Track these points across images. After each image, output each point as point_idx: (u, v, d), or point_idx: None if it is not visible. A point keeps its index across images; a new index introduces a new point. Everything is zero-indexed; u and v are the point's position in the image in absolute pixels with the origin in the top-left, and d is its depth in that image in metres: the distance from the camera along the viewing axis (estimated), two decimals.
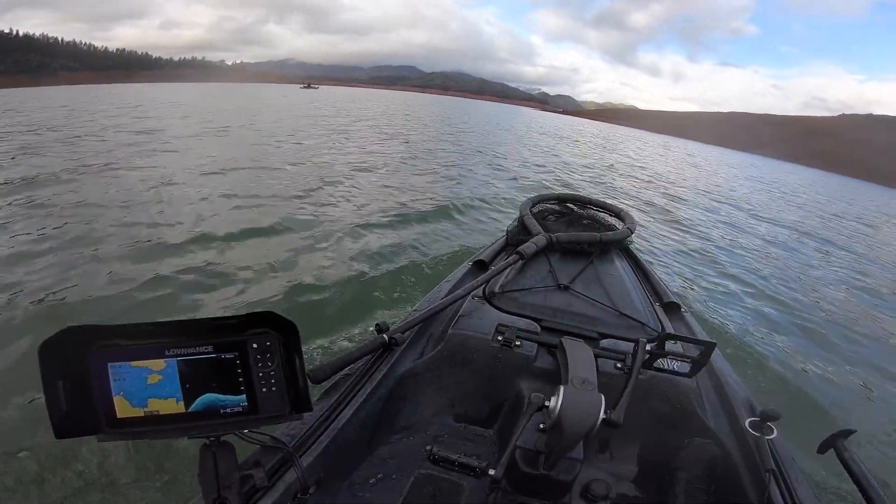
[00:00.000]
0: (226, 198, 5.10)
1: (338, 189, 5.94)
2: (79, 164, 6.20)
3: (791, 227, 8.79)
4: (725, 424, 1.20)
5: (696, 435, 1.17)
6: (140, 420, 0.61)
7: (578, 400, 0.86)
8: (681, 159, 23.94)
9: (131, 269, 3.14)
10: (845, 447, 0.99)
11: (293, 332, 0.67)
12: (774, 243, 6.87)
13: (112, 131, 10.05)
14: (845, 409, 2.51)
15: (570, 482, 0.98)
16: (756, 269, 5.24)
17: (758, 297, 4.27)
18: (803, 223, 9.77)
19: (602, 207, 2.42)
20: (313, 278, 3.24)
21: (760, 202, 12.03)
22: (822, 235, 8.56)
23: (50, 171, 5.67)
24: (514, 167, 10.05)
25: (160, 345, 0.61)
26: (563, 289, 1.57)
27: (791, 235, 7.90)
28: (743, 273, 4.95)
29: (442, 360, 1.30)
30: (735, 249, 5.94)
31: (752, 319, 3.68)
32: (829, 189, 27.63)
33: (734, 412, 1.20)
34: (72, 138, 8.65)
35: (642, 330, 1.43)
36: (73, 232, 3.74)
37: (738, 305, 3.94)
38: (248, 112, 18.29)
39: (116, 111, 15.50)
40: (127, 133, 9.81)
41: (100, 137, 9.00)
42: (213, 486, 0.64)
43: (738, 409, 1.20)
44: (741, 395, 1.28)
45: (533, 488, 1.00)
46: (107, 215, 4.19)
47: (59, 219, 4.00)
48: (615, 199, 7.50)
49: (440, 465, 1.03)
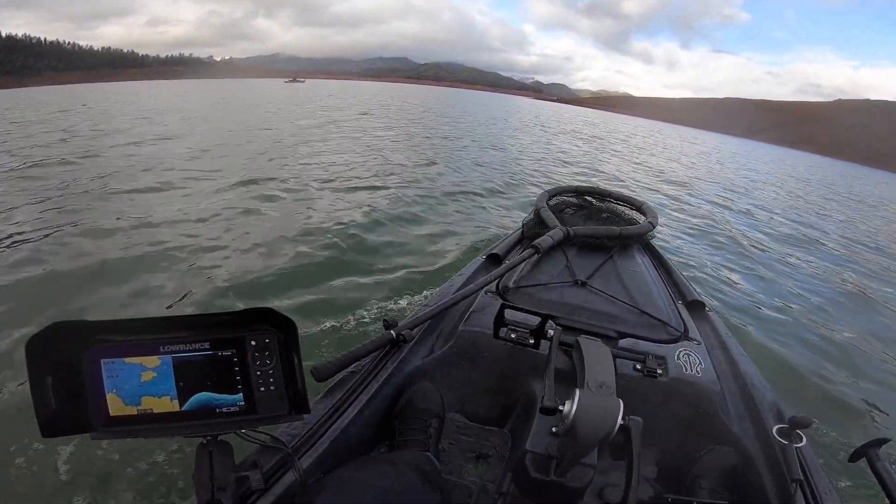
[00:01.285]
0: (222, 192, 5.02)
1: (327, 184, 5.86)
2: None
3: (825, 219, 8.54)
4: (750, 430, 1.15)
5: (719, 441, 1.13)
6: (133, 418, 0.60)
7: (595, 405, 0.82)
8: (698, 153, 22.15)
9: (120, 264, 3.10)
10: (878, 456, 0.94)
11: (292, 330, 0.65)
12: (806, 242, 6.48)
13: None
14: (880, 417, 2.37)
15: (582, 489, 0.94)
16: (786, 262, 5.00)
17: (781, 292, 4.02)
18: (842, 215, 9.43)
19: (622, 200, 2.36)
20: (314, 272, 3.18)
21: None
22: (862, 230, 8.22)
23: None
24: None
25: (155, 341, 0.60)
26: (580, 285, 1.52)
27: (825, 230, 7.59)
28: (764, 264, 4.73)
29: (452, 358, 1.27)
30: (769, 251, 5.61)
31: (780, 317, 3.42)
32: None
33: (760, 418, 1.16)
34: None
35: (664, 329, 1.38)
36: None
37: (763, 303, 3.69)
38: (219, 115, 17.00)
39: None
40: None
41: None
42: (208, 488, 0.63)
43: (764, 415, 1.15)
44: (768, 399, 1.23)
45: (543, 495, 0.97)
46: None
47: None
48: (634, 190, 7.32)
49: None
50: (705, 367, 1.23)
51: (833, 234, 7.38)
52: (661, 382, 1.17)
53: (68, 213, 4.10)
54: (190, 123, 12.12)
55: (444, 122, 17.16)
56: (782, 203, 10.07)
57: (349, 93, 36.58)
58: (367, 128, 12.55)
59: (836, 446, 1.84)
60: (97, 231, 3.70)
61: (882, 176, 47.94)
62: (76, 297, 2.64)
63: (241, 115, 15.47)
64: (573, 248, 1.76)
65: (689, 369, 1.20)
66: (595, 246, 1.80)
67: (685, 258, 4.44)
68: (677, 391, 1.17)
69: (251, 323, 0.64)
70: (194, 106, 18.17)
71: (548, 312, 1.36)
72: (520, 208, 5.33)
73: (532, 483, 0.95)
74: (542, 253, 1.61)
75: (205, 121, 13.11)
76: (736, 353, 1.41)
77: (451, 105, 26.36)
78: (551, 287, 1.50)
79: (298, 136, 10.13)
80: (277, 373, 0.65)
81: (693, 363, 1.23)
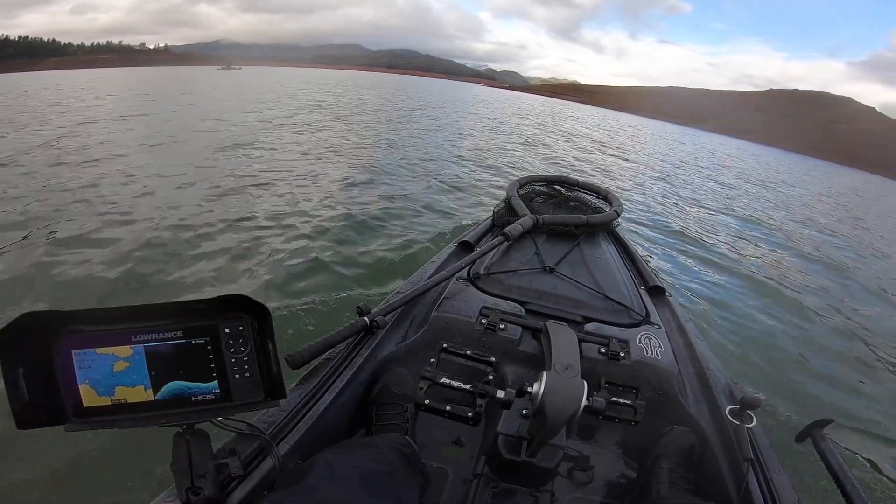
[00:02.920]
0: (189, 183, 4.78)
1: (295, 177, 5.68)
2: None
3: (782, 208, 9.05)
4: (706, 411, 1.19)
5: (678, 422, 1.17)
6: (107, 409, 0.59)
7: (561, 386, 0.85)
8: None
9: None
10: (822, 437, 0.98)
11: (266, 316, 0.66)
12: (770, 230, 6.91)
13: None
14: (825, 398, 2.52)
15: (552, 469, 0.97)
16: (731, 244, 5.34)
17: (732, 274, 4.31)
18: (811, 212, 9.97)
19: (590, 190, 2.43)
20: (285, 261, 3.13)
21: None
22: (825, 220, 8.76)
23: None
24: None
25: (126, 330, 0.59)
26: (549, 271, 1.56)
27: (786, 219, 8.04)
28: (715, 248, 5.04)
29: (425, 344, 1.28)
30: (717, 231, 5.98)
31: (732, 301, 3.69)
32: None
33: (714, 399, 1.19)
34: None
35: (627, 314, 1.43)
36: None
37: (718, 288, 3.93)
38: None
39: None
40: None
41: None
42: (187, 475, 0.63)
43: (718, 396, 1.19)
44: (721, 381, 1.27)
45: (515, 475, 1.00)
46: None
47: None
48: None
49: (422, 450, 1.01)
50: (665, 350, 1.27)
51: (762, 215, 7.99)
52: (624, 365, 1.21)
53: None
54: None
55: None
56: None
57: (274, 79, 33.53)
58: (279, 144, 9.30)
59: (784, 427, 1.99)
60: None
61: (814, 163, 51.90)
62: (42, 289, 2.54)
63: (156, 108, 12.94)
64: (542, 236, 1.80)
65: (650, 352, 1.24)
66: (563, 233, 1.85)
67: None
68: (639, 373, 1.21)
69: (224, 310, 0.64)
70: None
71: (518, 298, 1.41)
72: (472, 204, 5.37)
73: (505, 464, 0.97)
74: (511, 240, 1.64)
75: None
76: (693, 336, 1.47)
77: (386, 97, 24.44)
78: (521, 273, 1.53)
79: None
80: (252, 360, 0.65)
81: (653, 346, 1.27)
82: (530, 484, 1.01)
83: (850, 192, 19.83)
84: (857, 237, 8.17)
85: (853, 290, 4.86)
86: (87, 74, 33.37)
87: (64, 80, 26.16)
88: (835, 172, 41.64)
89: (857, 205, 14.93)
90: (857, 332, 3.66)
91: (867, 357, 3.22)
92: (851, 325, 3.81)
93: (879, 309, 4.43)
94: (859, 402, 2.56)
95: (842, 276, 5.26)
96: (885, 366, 3.12)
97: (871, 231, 9.48)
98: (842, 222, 9.67)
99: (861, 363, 3.10)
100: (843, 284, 5.00)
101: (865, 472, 1.96)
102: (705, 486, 1.05)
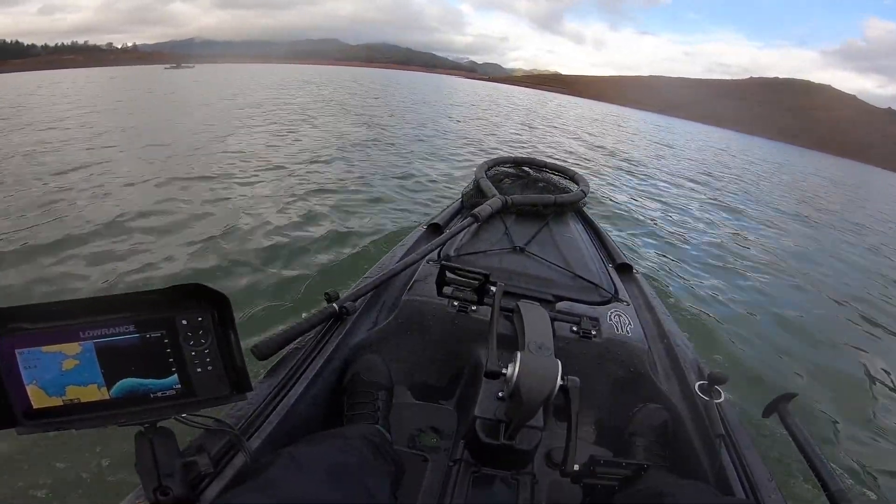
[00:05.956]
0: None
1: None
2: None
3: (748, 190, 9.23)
4: (677, 388, 1.19)
5: (650, 399, 1.17)
6: (59, 409, 0.56)
7: (535, 366, 0.84)
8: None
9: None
10: (788, 411, 0.99)
11: (226, 305, 0.63)
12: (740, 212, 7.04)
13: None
14: (789, 373, 2.54)
15: (531, 451, 0.97)
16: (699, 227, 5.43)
17: (703, 254, 4.37)
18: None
19: (557, 171, 2.44)
20: (244, 247, 3.05)
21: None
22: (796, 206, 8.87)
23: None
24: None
25: (73, 326, 0.56)
26: (519, 251, 1.56)
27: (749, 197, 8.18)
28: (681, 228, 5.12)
29: (397, 329, 1.26)
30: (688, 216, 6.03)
31: (699, 279, 3.71)
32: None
33: (684, 375, 1.20)
34: None
35: (596, 292, 1.43)
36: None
37: (685, 266, 3.97)
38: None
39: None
40: None
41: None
42: (153, 475, 0.61)
43: (687, 373, 1.20)
44: (689, 357, 1.28)
45: (495, 458, 0.99)
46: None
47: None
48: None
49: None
50: (634, 326, 1.27)
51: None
52: (596, 343, 1.21)
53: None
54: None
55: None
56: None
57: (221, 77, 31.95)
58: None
59: (752, 401, 2.00)
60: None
61: (796, 151, 52.75)
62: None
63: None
64: (511, 217, 1.80)
65: (620, 329, 1.24)
66: (532, 214, 1.86)
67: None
68: (610, 351, 1.22)
69: (181, 301, 0.61)
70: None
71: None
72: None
73: (483, 447, 0.96)
74: (481, 221, 1.64)
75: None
76: (660, 312, 1.49)
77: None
78: (491, 254, 1.53)
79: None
80: (214, 352, 0.62)
81: (623, 323, 1.27)
82: (510, 467, 1.00)
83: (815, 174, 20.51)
84: (819, 217, 8.41)
85: (814, 259, 5.08)
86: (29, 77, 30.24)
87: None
88: (810, 158, 42.42)
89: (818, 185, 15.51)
90: (823, 304, 3.80)
91: (828, 329, 3.30)
92: (818, 297, 3.95)
93: (845, 279, 4.62)
94: (820, 376, 2.60)
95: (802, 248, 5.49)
96: (845, 340, 3.18)
97: (831, 206, 9.92)
98: (804, 202, 9.99)
99: (820, 335, 3.16)
100: (803, 254, 5.21)
101: (828, 443, 2.01)
102: (680, 463, 1.06)
